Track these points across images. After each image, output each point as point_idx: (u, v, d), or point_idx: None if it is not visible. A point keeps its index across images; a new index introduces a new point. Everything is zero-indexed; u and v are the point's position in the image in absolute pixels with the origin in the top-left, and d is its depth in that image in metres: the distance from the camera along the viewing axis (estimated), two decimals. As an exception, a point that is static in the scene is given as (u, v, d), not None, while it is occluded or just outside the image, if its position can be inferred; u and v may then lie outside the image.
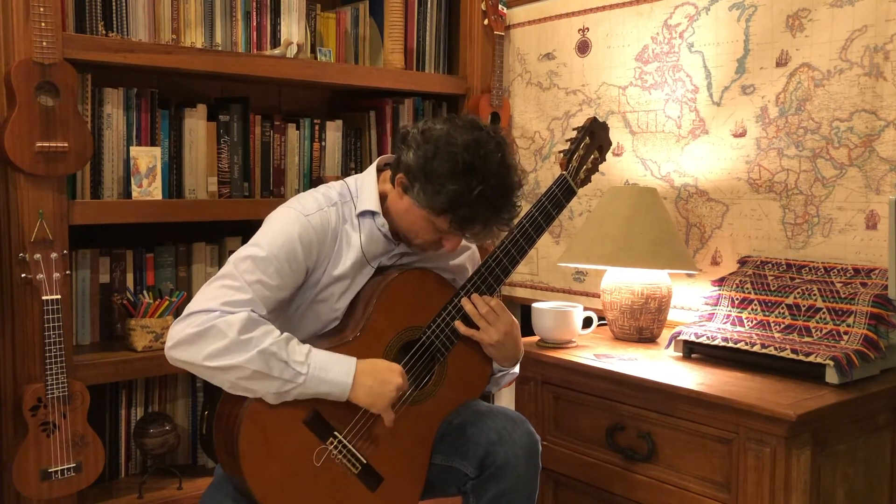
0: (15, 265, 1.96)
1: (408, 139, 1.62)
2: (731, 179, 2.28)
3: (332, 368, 1.53)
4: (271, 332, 1.52)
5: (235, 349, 1.48)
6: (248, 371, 1.49)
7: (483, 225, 1.60)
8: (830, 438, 1.71)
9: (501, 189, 1.58)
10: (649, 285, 2.18)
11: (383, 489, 1.62)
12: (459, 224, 1.59)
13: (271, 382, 1.50)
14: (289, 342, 1.53)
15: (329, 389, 1.54)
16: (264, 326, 1.52)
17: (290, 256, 1.59)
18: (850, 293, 1.88)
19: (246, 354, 1.48)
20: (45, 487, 1.95)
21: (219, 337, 1.48)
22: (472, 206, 1.55)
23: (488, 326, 1.68)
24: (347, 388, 1.54)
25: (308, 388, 1.52)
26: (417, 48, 2.80)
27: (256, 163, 2.48)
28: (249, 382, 1.50)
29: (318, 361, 1.53)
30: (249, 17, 2.44)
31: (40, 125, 1.94)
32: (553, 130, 2.77)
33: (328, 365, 1.53)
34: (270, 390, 1.51)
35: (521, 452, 1.61)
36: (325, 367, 1.53)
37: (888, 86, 1.98)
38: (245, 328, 1.49)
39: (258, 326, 1.51)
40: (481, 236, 1.65)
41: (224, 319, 1.49)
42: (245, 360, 1.48)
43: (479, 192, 1.55)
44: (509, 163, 1.61)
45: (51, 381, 1.93)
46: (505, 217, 1.62)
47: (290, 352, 1.51)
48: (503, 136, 1.64)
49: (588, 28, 2.64)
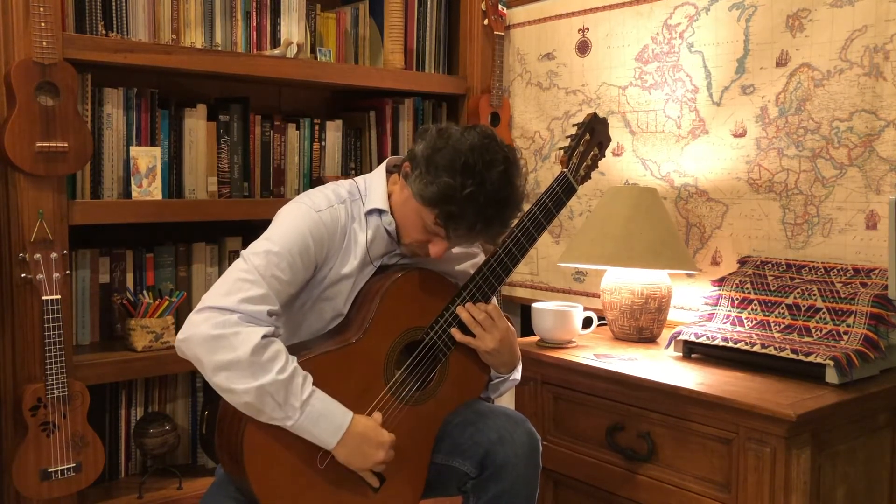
0: (15, 265, 1.96)
1: (425, 134, 1.63)
2: (731, 179, 2.28)
3: (323, 424, 1.52)
4: (278, 358, 1.50)
5: (239, 370, 1.47)
6: (241, 401, 1.49)
7: (468, 229, 1.58)
8: (830, 438, 1.71)
9: (494, 199, 1.56)
10: (649, 285, 2.18)
11: (385, 489, 1.62)
12: (445, 220, 1.57)
13: (259, 414, 1.50)
14: (292, 382, 1.50)
15: (313, 439, 1.53)
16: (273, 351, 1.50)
17: (302, 251, 1.59)
18: (850, 293, 1.88)
19: (244, 385, 1.47)
20: (45, 487, 1.95)
21: (230, 350, 1.48)
22: (459, 204, 1.55)
23: (484, 334, 1.68)
24: (331, 446, 1.54)
25: (294, 430, 1.52)
26: (417, 48, 2.80)
27: (256, 163, 2.48)
28: (240, 406, 1.51)
29: (312, 411, 1.51)
30: (249, 17, 2.44)
31: (40, 125, 1.94)
32: (553, 130, 2.77)
33: (321, 419, 1.52)
34: (258, 417, 1.51)
35: (522, 452, 1.61)
36: (316, 422, 1.51)
37: (888, 86, 1.98)
38: (257, 350, 1.48)
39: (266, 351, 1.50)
40: (465, 240, 1.63)
41: (242, 334, 1.48)
42: (242, 389, 1.47)
43: (471, 192, 1.54)
44: (512, 180, 1.59)
45: (51, 381, 1.93)
46: (494, 230, 1.61)
47: (289, 394, 1.49)
48: (516, 157, 1.63)
49: (588, 28, 2.64)
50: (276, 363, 1.49)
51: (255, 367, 1.47)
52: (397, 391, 1.65)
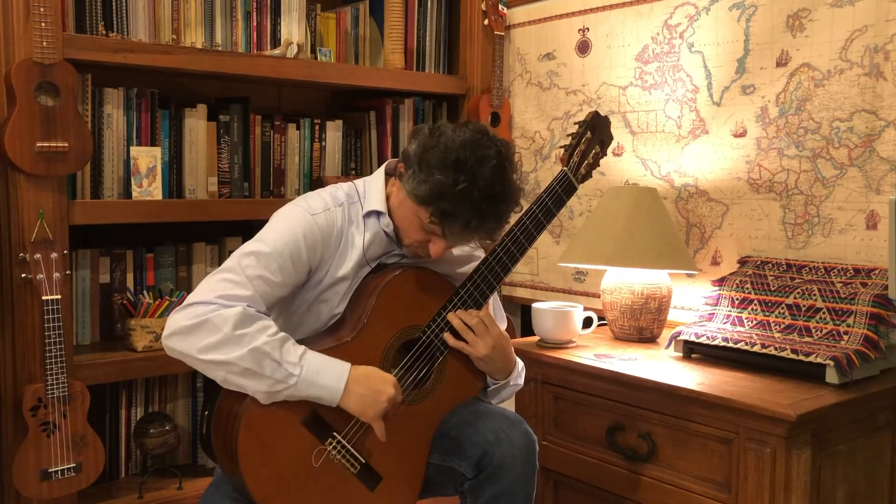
0: (15, 265, 1.96)
1: (418, 133, 1.63)
2: (731, 179, 2.28)
3: (325, 373, 1.53)
4: (267, 328, 1.52)
5: (228, 344, 1.48)
6: (238, 368, 1.48)
7: (463, 226, 1.57)
8: (830, 438, 1.71)
9: (488, 194, 1.55)
10: (649, 285, 2.18)
11: (382, 489, 1.62)
12: (439, 218, 1.56)
13: (262, 381, 1.49)
14: (284, 342, 1.52)
15: (320, 393, 1.53)
16: (261, 322, 1.52)
17: (293, 254, 1.59)
18: (850, 293, 1.88)
19: (238, 351, 1.48)
20: (45, 487, 1.95)
21: (213, 331, 1.48)
22: (453, 200, 1.54)
23: (476, 340, 1.67)
24: (339, 393, 1.53)
25: (299, 390, 1.51)
26: (417, 48, 2.80)
27: (256, 163, 2.48)
28: (240, 379, 1.50)
29: (311, 364, 1.52)
30: (249, 17, 2.44)
31: (40, 125, 1.94)
32: (553, 130, 2.76)
33: (321, 368, 1.53)
34: (261, 388, 1.50)
35: (519, 453, 1.61)
36: (318, 371, 1.52)
37: (888, 86, 1.98)
38: (240, 323, 1.49)
39: (254, 322, 1.51)
40: (461, 238, 1.62)
41: (219, 313, 1.49)
42: (237, 356, 1.48)
43: (464, 188, 1.53)
44: (505, 174, 1.59)
45: (51, 381, 1.93)
46: (489, 226, 1.60)
47: (284, 352, 1.51)
48: (509, 152, 1.62)
49: (588, 28, 2.64)
50: (265, 330, 1.51)
51: (245, 337, 1.49)
52: (394, 389, 1.65)
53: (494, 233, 1.64)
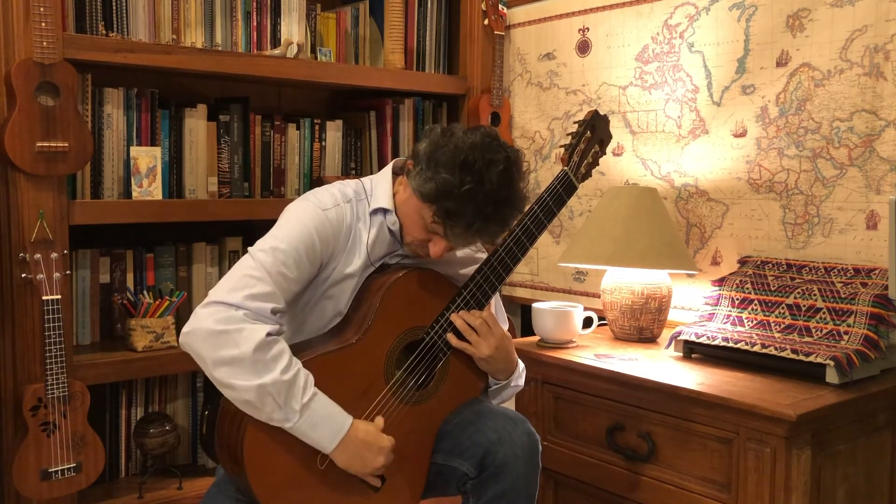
0: (15, 265, 1.96)
1: (429, 133, 1.63)
2: (731, 179, 2.28)
3: (322, 428, 1.51)
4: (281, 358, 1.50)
5: (242, 366, 1.47)
6: (241, 398, 1.48)
7: (466, 227, 1.57)
8: (831, 438, 1.71)
9: (494, 197, 1.56)
10: (649, 285, 2.18)
11: (385, 489, 1.62)
12: (442, 217, 1.57)
13: (260, 414, 1.49)
14: (294, 383, 1.49)
15: (311, 443, 1.53)
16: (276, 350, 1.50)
17: (308, 249, 1.60)
18: (851, 293, 1.88)
19: (245, 382, 1.46)
20: (45, 487, 1.95)
21: (233, 346, 1.47)
22: (457, 200, 1.54)
23: (479, 341, 1.68)
24: (329, 451, 1.53)
25: (293, 431, 1.51)
26: (417, 48, 2.80)
27: (256, 163, 2.48)
28: (239, 403, 1.50)
29: (312, 416, 1.50)
30: (249, 17, 2.44)
31: (40, 125, 1.94)
32: (553, 130, 2.77)
33: (320, 423, 1.51)
34: (258, 416, 1.51)
35: (521, 452, 1.61)
36: (316, 425, 1.51)
37: (888, 86, 1.98)
38: (261, 347, 1.48)
39: (270, 350, 1.49)
40: (462, 240, 1.61)
41: (247, 330, 1.48)
42: (243, 387, 1.47)
43: (469, 189, 1.54)
44: (512, 180, 1.59)
45: (51, 381, 1.93)
46: (492, 229, 1.60)
47: (289, 397, 1.48)
48: (519, 159, 1.62)
49: (588, 28, 2.64)
50: (279, 362, 1.49)
51: (258, 365, 1.47)
52: (397, 391, 1.65)
53: (497, 236, 1.65)
